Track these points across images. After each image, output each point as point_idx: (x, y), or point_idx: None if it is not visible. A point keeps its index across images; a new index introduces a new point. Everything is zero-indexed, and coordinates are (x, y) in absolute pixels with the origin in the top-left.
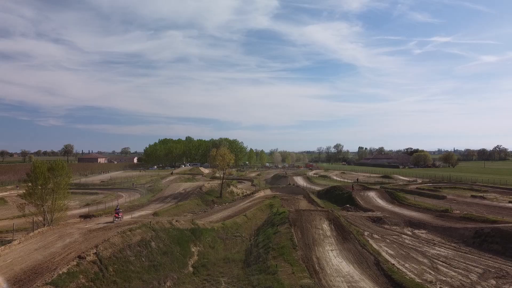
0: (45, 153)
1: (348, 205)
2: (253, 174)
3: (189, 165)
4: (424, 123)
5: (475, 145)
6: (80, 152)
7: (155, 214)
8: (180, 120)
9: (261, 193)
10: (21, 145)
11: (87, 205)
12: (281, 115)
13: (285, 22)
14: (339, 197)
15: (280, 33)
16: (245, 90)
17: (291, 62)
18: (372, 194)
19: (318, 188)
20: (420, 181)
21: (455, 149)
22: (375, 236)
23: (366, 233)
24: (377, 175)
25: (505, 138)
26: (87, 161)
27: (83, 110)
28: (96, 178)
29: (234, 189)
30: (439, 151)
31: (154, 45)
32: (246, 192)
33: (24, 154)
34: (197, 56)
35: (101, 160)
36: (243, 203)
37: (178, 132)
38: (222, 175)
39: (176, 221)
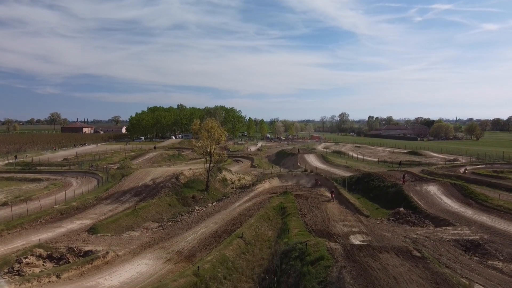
0: (38, 121)
1: (401, 209)
2: (253, 148)
3: (181, 136)
4: (424, 92)
5: (477, 115)
6: (76, 120)
7: (92, 229)
8: (178, 89)
9: (266, 184)
10: (18, 113)
11: (4, 204)
12: (280, 83)
13: None
14: (381, 191)
15: None
16: (244, 58)
17: (290, 29)
18: (433, 190)
19: (340, 173)
20: (465, 161)
21: (458, 118)
22: None
23: None
24: (401, 150)
25: (507, 107)
26: (71, 131)
27: (80, 78)
28: (61, 154)
29: (228, 175)
30: (438, 120)
31: (150, 12)
32: (244, 180)
33: (9, 122)
34: (195, 23)
35: (87, 130)
36: (240, 203)
37: (177, 101)
38: (208, 162)
39: None
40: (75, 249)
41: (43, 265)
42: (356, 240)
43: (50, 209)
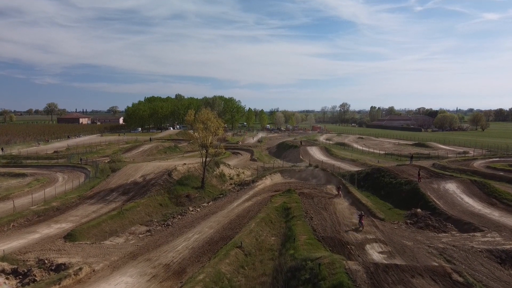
0: (36, 112)
1: (419, 210)
2: (252, 140)
3: (179, 127)
4: (424, 82)
5: (478, 105)
6: (74, 110)
7: (70, 235)
8: (177, 79)
9: (267, 181)
10: (17, 104)
11: None
12: (280, 73)
13: None
14: (393, 189)
15: None
16: (243, 48)
17: (289, 19)
18: (452, 188)
19: (346, 167)
20: (476, 154)
21: (458, 108)
22: None
23: None
24: (407, 142)
25: (507, 98)
26: (67, 121)
27: (79, 68)
28: (53, 146)
29: (226, 170)
30: (441, 110)
31: (149, 1)
32: (243, 175)
33: (5, 113)
34: (194, 12)
35: (84, 121)
36: (238, 202)
37: (176, 91)
38: (204, 157)
39: None
40: (46, 261)
41: (5, 283)
42: (373, 251)
43: (25, 211)
